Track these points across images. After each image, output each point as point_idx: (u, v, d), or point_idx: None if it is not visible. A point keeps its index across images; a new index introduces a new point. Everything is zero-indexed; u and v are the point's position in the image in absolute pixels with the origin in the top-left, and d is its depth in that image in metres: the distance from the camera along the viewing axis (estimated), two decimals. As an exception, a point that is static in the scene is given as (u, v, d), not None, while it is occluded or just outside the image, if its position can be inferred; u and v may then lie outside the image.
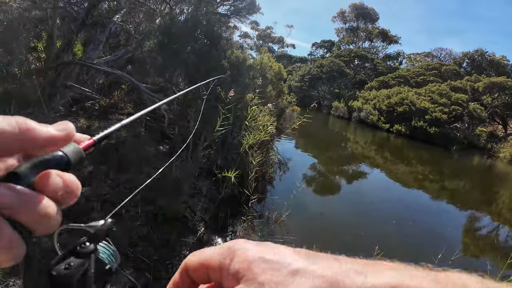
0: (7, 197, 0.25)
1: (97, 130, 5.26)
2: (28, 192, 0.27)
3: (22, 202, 0.26)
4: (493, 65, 28.68)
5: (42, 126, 0.29)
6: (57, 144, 0.30)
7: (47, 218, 0.28)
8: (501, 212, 7.73)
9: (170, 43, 5.23)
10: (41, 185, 0.28)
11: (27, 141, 0.27)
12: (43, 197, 0.28)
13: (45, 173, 0.28)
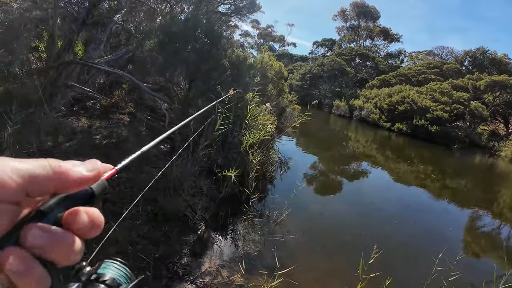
0: (39, 238, 0.27)
1: (98, 130, 5.26)
2: (59, 232, 0.28)
3: (53, 243, 0.27)
4: (495, 64, 28.55)
5: (73, 166, 0.31)
6: (87, 184, 0.32)
7: (74, 254, 0.30)
8: (503, 211, 7.71)
9: (171, 42, 5.23)
10: (69, 223, 0.29)
11: (60, 183, 0.29)
12: (71, 236, 0.29)
13: (73, 211, 0.30)
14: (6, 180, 0.26)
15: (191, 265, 2.91)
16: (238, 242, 3.51)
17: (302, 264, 3.32)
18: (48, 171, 0.28)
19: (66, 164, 0.31)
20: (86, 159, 0.34)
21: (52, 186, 0.29)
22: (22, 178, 0.27)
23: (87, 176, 0.31)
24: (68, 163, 0.31)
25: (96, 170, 0.32)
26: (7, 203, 0.26)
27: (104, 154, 4.15)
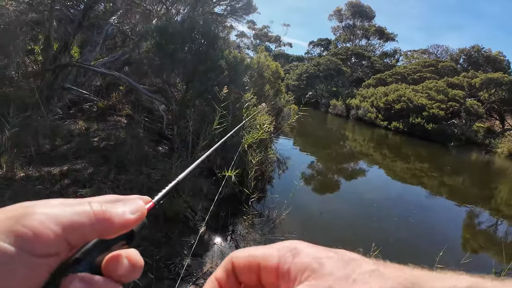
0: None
1: (95, 132, 5.23)
2: (101, 283, 0.27)
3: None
4: (490, 61, 28.82)
5: (117, 210, 0.29)
6: (130, 228, 0.30)
7: None
8: (501, 207, 7.78)
9: (167, 43, 5.23)
10: (110, 270, 0.28)
11: (103, 230, 0.28)
12: (114, 284, 0.28)
13: (113, 258, 0.29)
14: (43, 232, 0.24)
15: (193, 266, 2.91)
16: (239, 242, 3.52)
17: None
18: (91, 218, 0.27)
19: (110, 207, 0.29)
20: (85, 162, 0.33)
21: (95, 234, 0.27)
22: (62, 228, 0.25)
23: (131, 220, 0.30)
24: (111, 204, 0.30)
25: (140, 212, 0.31)
26: (45, 256, 0.24)
27: (103, 157, 4.14)
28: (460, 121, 18.39)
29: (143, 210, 0.31)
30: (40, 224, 0.24)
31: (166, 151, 4.65)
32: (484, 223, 6.40)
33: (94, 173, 3.76)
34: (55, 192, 3.30)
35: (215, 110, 3.71)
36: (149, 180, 3.63)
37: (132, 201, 0.32)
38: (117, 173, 3.77)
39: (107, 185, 3.56)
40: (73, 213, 0.26)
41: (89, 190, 3.38)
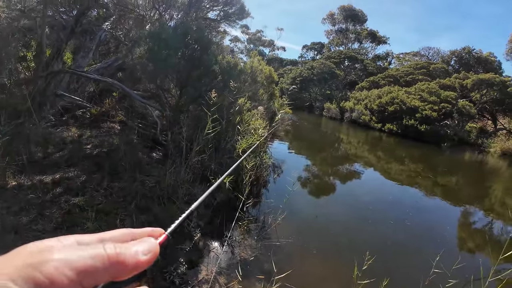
0: None
1: (88, 139, 5.19)
2: None
3: None
4: (481, 62, 29.26)
5: (131, 251, 0.30)
6: (143, 268, 0.30)
7: None
8: (494, 206, 7.85)
9: (161, 49, 5.22)
10: None
11: (116, 273, 0.28)
12: None
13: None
14: (59, 278, 0.25)
15: (188, 274, 2.88)
16: (235, 248, 3.50)
17: (299, 268, 3.32)
18: (104, 262, 0.27)
19: (124, 249, 0.29)
20: (77, 170, 0.33)
21: (108, 277, 0.28)
22: (76, 273, 0.25)
23: (144, 262, 0.30)
24: (125, 244, 0.30)
25: (153, 252, 0.31)
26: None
27: (96, 164, 4.10)
28: (453, 121, 18.60)
29: (156, 250, 0.32)
30: (55, 271, 0.25)
31: (160, 157, 4.62)
32: (479, 223, 6.45)
33: (87, 181, 3.72)
34: (47, 201, 3.26)
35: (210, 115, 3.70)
36: (143, 187, 3.60)
37: (145, 240, 0.32)
38: (110, 181, 3.73)
39: (100, 193, 3.52)
40: (88, 257, 0.27)
41: (81, 199, 3.34)
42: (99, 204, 3.32)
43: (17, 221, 2.88)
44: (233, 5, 8.46)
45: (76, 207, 3.19)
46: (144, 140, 4.91)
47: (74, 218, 3.05)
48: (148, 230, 0.36)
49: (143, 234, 0.35)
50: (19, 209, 3.08)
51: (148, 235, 0.35)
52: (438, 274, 2.25)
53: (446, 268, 3.68)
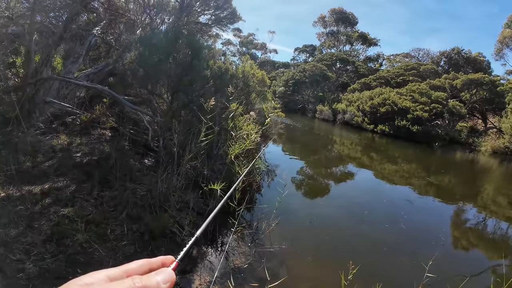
0: None
1: (78, 147, 5.09)
2: None
3: None
4: (470, 62, 29.80)
5: (152, 282, 0.36)
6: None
7: None
8: (487, 204, 7.95)
9: (151, 54, 5.18)
10: None
11: None
12: None
13: None
14: None
15: (181, 284, 2.83)
16: (228, 255, 3.45)
17: (293, 275, 3.29)
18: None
19: (148, 282, 0.36)
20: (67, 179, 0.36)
21: None
22: None
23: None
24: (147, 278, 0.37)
25: (171, 281, 0.38)
26: None
27: (85, 173, 4.01)
28: (444, 121, 18.88)
29: (173, 278, 0.39)
30: None
31: (152, 164, 4.55)
32: (472, 221, 6.51)
33: (77, 190, 3.64)
34: (36, 212, 3.18)
35: (201, 121, 3.67)
36: (134, 196, 3.53)
37: (163, 270, 0.39)
38: (100, 190, 3.66)
39: (90, 203, 3.44)
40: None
41: (71, 210, 3.26)
42: (89, 215, 3.25)
43: (6, 234, 2.80)
44: (225, 9, 8.47)
45: (65, 218, 3.12)
46: (136, 146, 4.84)
47: (64, 230, 2.98)
48: (161, 259, 0.43)
49: (158, 262, 0.43)
50: (8, 221, 3.00)
51: (162, 263, 0.43)
52: (431, 278, 2.25)
53: (439, 272, 3.70)
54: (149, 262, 0.41)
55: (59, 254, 2.72)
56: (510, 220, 6.69)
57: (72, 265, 2.66)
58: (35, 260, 2.58)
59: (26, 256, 2.60)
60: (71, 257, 2.74)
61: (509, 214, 7.12)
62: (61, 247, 2.80)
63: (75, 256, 2.76)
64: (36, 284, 2.39)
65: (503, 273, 4.07)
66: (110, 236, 3.05)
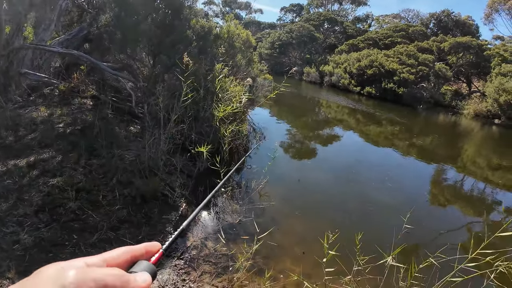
0: None
1: (60, 118, 4.93)
2: None
3: None
4: (459, 25, 29.40)
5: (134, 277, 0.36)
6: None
7: None
8: (467, 164, 8.34)
9: (128, 15, 4.86)
10: None
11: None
12: None
13: None
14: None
15: (177, 242, 2.94)
16: (220, 214, 3.57)
17: (281, 227, 3.46)
18: (115, 281, 0.33)
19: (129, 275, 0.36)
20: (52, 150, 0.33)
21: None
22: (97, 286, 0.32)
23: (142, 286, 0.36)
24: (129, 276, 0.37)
25: (148, 281, 0.37)
26: None
27: (70, 143, 3.93)
28: (429, 84, 19.03)
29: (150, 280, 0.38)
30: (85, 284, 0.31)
31: (138, 130, 4.48)
32: (453, 180, 6.86)
33: (63, 161, 3.58)
34: (25, 185, 3.14)
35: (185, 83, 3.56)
36: (122, 162, 3.51)
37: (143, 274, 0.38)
38: (88, 158, 3.61)
39: (78, 171, 3.41)
40: (106, 275, 0.33)
41: (60, 179, 3.24)
42: (79, 183, 3.24)
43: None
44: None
45: (55, 188, 3.11)
46: (120, 114, 4.71)
47: (55, 199, 2.98)
48: (145, 246, 0.41)
49: (141, 249, 0.41)
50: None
51: (146, 250, 0.41)
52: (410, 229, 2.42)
53: (419, 225, 3.96)
54: (132, 249, 0.40)
55: (53, 223, 2.75)
56: (487, 181, 7.07)
57: (68, 232, 2.71)
58: (30, 231, 2.61)
59: (20, 228, 2.62)
60: (66, 225, 2.77)
61: (487, 175, 7.50)
62: (55, 215, 2.83)
63: (70, 223, 2.80)
64: (33, 253, 2.43)
65: (477, 230, 4.42)
66: (102, 202, 3.08)
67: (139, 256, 0.40)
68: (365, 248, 2.30)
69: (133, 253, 0.39)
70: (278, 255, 3.00)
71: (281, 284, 2.67)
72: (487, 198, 6.12)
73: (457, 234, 4.27)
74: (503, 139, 12.90)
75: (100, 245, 2.65)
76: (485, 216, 5.10)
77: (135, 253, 0.39)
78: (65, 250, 2.53)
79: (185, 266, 2.66)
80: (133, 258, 0.39)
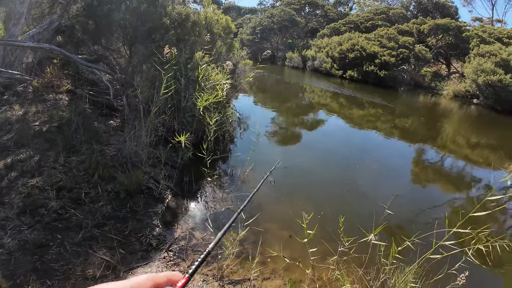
0: None
1: (35, 116, 4.73)
2: None
3: None
4: (438, 8, 29.72)
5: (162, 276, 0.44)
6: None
7: None
8: (447, 144, 8.62)
9: (101, 3, 4.63)
10: None
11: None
12: None
13: None
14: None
15: (164, 234, 2.92)
16: (206, 203, 3.57)
17: (266, 213, 3.50)
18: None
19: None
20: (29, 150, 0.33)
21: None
22: None
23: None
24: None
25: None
26: None
27: (48, 141, 3.79)
28: (410, 66, 19.32)
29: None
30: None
31: (119, 124, 4.35)
32: (433, 159, 7.09)
33: (42, 160, 3.46)
34: (3, 187, 3.03)
35: (165, 74, 3.47)
36: (103, 157, 3.42)
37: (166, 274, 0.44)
38: (66, 156, 3.50)
39: (58, 170, 3.31)
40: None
41: (39, 179, 3.14)
42: (59, 182, 3.14)
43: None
44: None
45: (35, 189, 3.01)
46: (98, 108, 4.55)
47: (36, 200, 2.90)
48: (167, 275, 0.45)
49: (163, 278, 0.44)
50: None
51: (167, 279, 0.44)
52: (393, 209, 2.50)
53: (401, 205, 4.10)
54: (154, 277, 0.43)
55: (36, 224, 2.69)
56: (467, 159, 7.34)
57: (52, 232, 2.65)
58: (13, 234, 2.55)
59: (2, 232, 2.54)
60: (49, 225, 2.72)
61: (466, 153, 7.79)
62: (37, 217, 2.76)
63: (53, 224, 2.74)
64: (18, 256, 2.38)
65: (459, 206, 4.62)
66: (85, 199, 3.01)
67: (162, 283, 0.43)
68: (350, 229, 2.37)
69: (155, 280, 0.43)
70: (265, 240, 3.04)
71: (271, 268, 2.72)
72: (467, 175, 6.38)
73: (439, 211, 4.45)
74: (481, 118, 13.37)
75: (86, 243, 2.60)
76: (465, 192, 5.34)
77: (158, 281, 0.43)
78: (50, 251, 2.48)
79: (174, 258, 2.66)
80: (155, 285, 0.42)
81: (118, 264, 2.46)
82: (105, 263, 2.48)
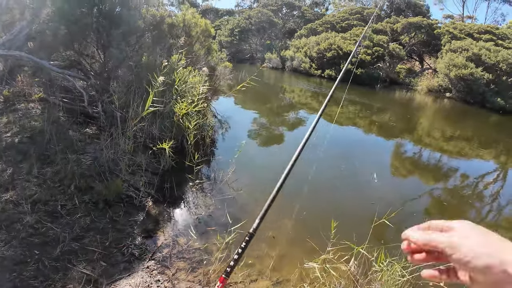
0: None
1: (6, 126, 4.50)
2: None
3: None
4: (411, 6, 30.88)
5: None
6: None
7: None
8: (423, 137, 8.96)
9: (72, 7, 4.47)
10: None
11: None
12: None
13: None
14: None
15: (147, 243, 2.86)
16: (190, 208, 3.51)
17: (252, 216, 3.48)
18: None
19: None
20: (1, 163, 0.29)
21: None
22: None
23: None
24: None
25: None
26: None
27: (20, 152, 3.61)
28: (385, 64, 19.93)
29: None
30: None
31: (95, 131, 4.21)
32: (412, 152, 7.36)
33: (15, 172, 3.29)
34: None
35: (142, 78, 3.40)
36: (79, 167, 3.30)
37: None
38: (40, 167, 3.35)
39: (32, 182, 3.16)
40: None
41: (12, 193, 2.99)
42: (34, 195, 3.01)
43: None
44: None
45: (9, 203, 2.87)
46: (73, 115, 4.39)
47: (10, 215, 2.77)
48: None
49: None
50: None
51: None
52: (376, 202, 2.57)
53: (384, 197, 4.21)
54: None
55: (12, 240, 2.57)
56: (442, 151, 7.68)
57: (28, 248, 2.53)
58: (-11, 251, 2.41)
59: (-23, 251, 2.40)
60: (25, 240, 2.60)
61: (442, 145, 8.14)
62: (12, 232, 2.63)
63: (29, 239, 2.62)
64: (-4, 274, 2.25)
65: (438, 196, 4.81)
66: (61, 212, 2.89)
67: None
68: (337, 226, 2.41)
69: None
70: (252, 242, 3.03)
71: (257, 269, 2.71)
72: (443, 166, 6.66)
73: (420, 202, 4.61)
74: (454, 111, 14.00)
75: (65, 257, 2.50)
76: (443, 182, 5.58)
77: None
78: (29, 268, 2.37)
79: (158, 266, 2.60)
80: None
81: (100, 277, 2.38)
82: (85, 277, 2.39)
